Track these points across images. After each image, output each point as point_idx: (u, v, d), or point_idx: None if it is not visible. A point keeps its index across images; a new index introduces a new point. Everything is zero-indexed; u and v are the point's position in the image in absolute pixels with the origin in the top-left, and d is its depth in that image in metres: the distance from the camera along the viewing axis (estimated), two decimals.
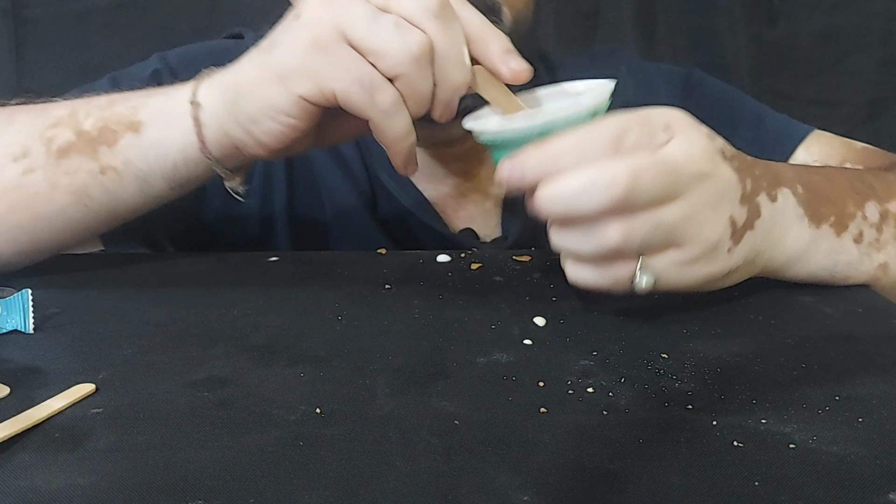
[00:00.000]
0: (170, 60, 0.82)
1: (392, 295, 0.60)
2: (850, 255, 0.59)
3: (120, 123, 0.60)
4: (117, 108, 0.61)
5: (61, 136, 0.61)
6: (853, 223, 0.59)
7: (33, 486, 0.36)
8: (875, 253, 0.59)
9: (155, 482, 0.36)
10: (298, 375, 0.47)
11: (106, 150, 0.60)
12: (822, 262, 0.58)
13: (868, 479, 0.36)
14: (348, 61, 0.51)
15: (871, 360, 0.49)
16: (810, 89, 1.24)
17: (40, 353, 0.50)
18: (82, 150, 0.60)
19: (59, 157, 0.60)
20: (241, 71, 0.57)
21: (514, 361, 0.48)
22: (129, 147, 0.60)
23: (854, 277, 0.60)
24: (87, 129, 0.60)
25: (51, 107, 0.64)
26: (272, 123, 0.55)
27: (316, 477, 0.36)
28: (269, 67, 0.54)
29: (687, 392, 0.44)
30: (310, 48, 0.52)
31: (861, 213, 0.59)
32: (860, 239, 0.59)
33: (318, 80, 0.52)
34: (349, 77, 0.52)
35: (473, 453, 0.38)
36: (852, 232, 0.59)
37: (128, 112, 0.60)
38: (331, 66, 0.52)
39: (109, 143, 0.60)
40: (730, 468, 0.37)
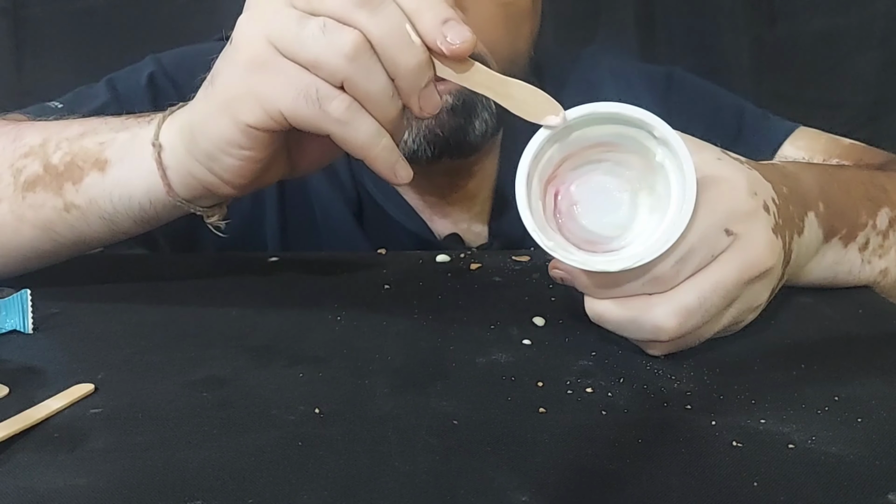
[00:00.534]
0: (164, 63, 0.82)
1: (391, 295, 0.60)
2: (852, 264, 0.59)
3: (86, 161, 0.58)
4: (85, 143, 0.59)
5: (30, 168, 0.59)
6: (862, 233, 0.58)
7: (32, 486, 0.36)
8: (877, 259, 0.59)
9: (154, 482, 0.36)
10: (297, 375, 0.47)
11: (70, 188, 0.58)
12: (824, 272, 0.58)
13: (867, 480, 0.36)
14: (288, 75, 0.47)
15: (871, 360, 0.49)
16: (811, 91, 1.24)
17: (39, 353, 0.50)
18: (48, 185, 0.59)
19: (26, 189, 0.59)
20: (194, 108, 0.54)
21: (514, 361, 0.48)
22: (92, 186, 0.58)
23: (852, 283, 0.60)
24: (55, 163, 0.59)
25: (26, 132, 0.62)
26: (228, 158, 0.52)
27: (315, 477, 0.36)
28: (213, 99, 0.51)
29: (686, 392, 0.44)
30: (245, 70, 0.49)
31: (872, 221, 0.59)
32: (865, 247, 0.59)
33: (262, 103, 0.48)
34: (292, 92, 0.47)
35: (472, 453, 0.38)
36: (859, 242, 0.58)
37: (95, 149, 0.58)
38: (271, 84, 0.48)
39: (75, 181, 0.58)
40: (729, 468, 0.37)
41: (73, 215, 0.59)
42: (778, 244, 0.48)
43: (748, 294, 0.47)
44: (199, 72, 0.59)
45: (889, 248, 0.60)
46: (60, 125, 0.62)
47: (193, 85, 0.58)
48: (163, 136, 0.55)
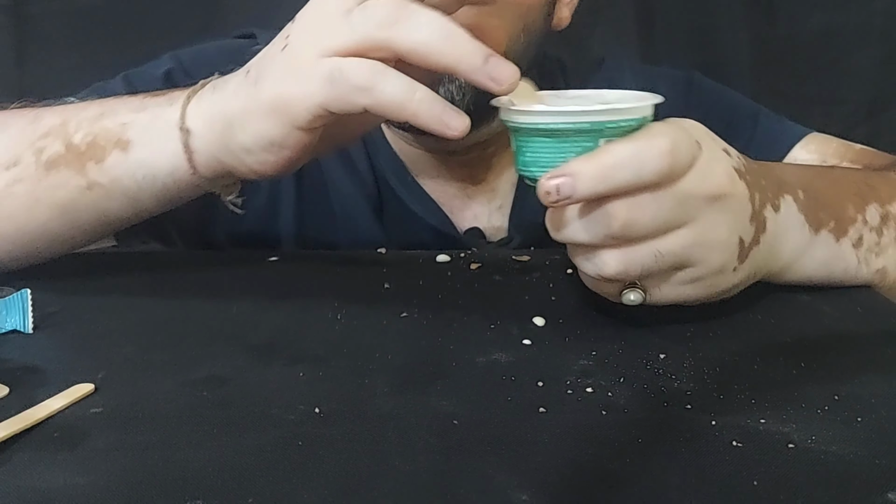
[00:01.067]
0: (183, 60, 0.82)
1: (391, 294, 0.60)
2: (847, 262, 0.58)
3: (108, 140, 0.59)
4: (106, 123, 0.60)
5: (51, 148, 0.60)
6: (853, 228, 0.58)
7: (32, 486, 0.36)
8: (874, 258, 0.59)
9: (154, 481, 0.36)
10: (298, 375, 0.47)
11: (93, 167, 0.59)
12: (818, 268, 0.58)
13: (867, 479, 0.36)
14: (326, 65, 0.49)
15: (871, 359, 0.49)
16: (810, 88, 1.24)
17: (39, 352, 0.50)
18: (70, 163, 0.59)
19: (48, 168, 0.60)
20: (231, 101, 0.54)
21: (514, 361, 0.48)
22: (116, 165, 0.59)
23: (849, 282, 0.59)
24: (77, 142, 0.59)
25: (45, 114, 0.63)
26: (267, 155, 0.53)
27: (315, 476, 0.36)
28: (260, 98, 0.52)
29: (686, 392, 0.44)
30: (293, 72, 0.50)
31: (862, 216, 0.59)
32: (860, 244, 0.58)
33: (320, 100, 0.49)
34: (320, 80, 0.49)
35: (472, 453, 0.38)
36: (852, 237, 0.58)
37: (116, 129, 0.59)
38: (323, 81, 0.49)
39: (97, 160, 0.59)
40: (729, 468, 0.37)
41: (96, 193, 0.59)
42: (741, 184, 0.49)
43: (704, 218, 0.47)
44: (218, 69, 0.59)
45: (886, 247, 0.60)
46: (78, 107, 0.62)
47: None
48: (190, 122, 0.56)
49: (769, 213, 0.52)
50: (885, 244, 0.59)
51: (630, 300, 0.49)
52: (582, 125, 0.43)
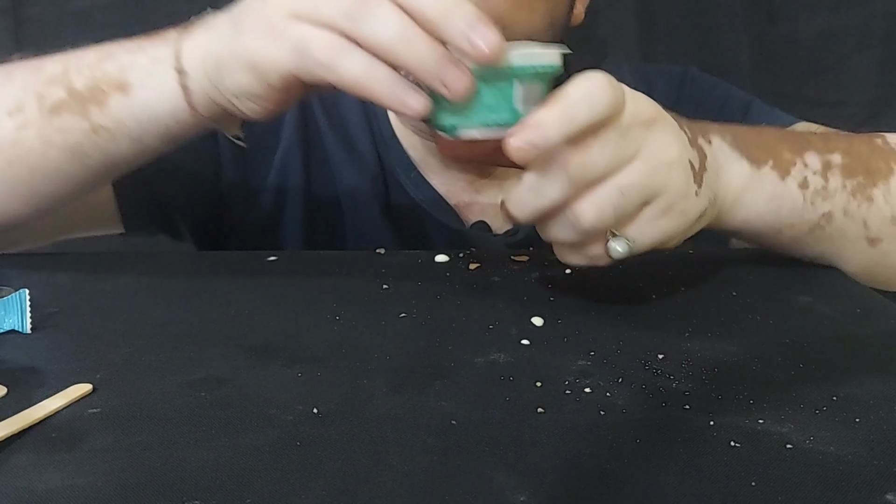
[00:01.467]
0: None
1: (390, 295, 0.60)
2: (794, 201, 0.60)
3: (109, 84, 0.59)
4: (106, 67, 0.60)
5: (54, 94, 0.61)
6: (795, 169, 0.60)
7: (30, 487, 0.36)
8: (821, 201, 0.61)
9: (152, 482, 0.36)
10: (296, 375, 0.47)
11: (97, 111, 0.60)
12: (767, 204, 0.60)
13: (865, 480, 0.36)
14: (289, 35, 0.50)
15: (869, 360, 0.49)
16: (811, 89, 1.24)
17: (37, 353, 0.50)
18: (74, 109, 0.60)
19: (52, 114, 0.60)
20: (217, 45, 0.55)
21: (512, 361, 0.48)
22: (118, 108, 0.59)
23: (798, 225, 0.61)
24: (79, 87, 0.60)
25: (46, 62, 0.63)
26: (251, 104, 0.55)
27: (313, 477, 0.36)
28: (237, 53, 0.53)
29: (684, 392, 0.44)
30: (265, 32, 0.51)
31: (801, 160, 0.61)
32: (805, 185, 0.61)
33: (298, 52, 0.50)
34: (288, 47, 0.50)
35: (471, 453, 0.38)
36: (796, 178, 0.60)
37: (115, 72, 0.60)
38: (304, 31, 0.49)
39: (100, 104, 0.60)
40: (727, 468, 0.37)
41: (101, 137, 0.60)
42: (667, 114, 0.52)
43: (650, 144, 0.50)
44: None
45: (833, 193, 0.61)
46: (78, 54, 0.63)
47: None
48: (185, 62, 0.57)
49: (703, 143, 0.55)
50: (833, 190, 0.61)
51: (618, 251, 0.51)
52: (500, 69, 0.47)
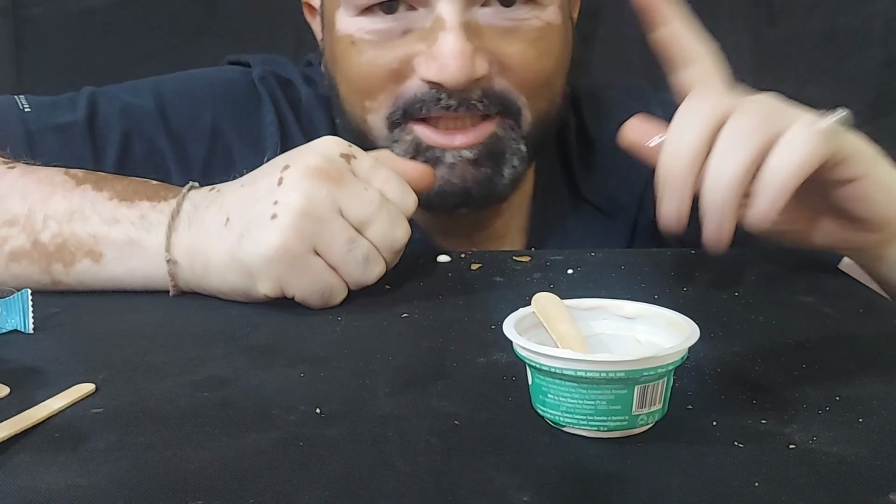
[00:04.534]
0: (165, 96, 0.79)
1: (392, 295, 0.60)
2: None
3: (78, 248, 0.59)
4: (76, 230, 0.60)
5: (16, 240, 0.60)
6: None
7: (33, 487, 0.36)
8: None
9: (155, 482, 0.36)
10: (298, 376, 0.47)
11: (60, 269, 0.60)
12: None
13: (868, 480, 0.36)
14: (314, 276, 0.55)
15: (872, 360, 0.49)
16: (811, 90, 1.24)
17: (40, 353, 0.50)
18: (35, 261, 0.60)
19: (11, 259, 0.60)
20: (212, 247, 0.57)
21: (514, 361, 0.48)
22: (85, 272, 0.60)
23: None
24: (44, 241, 0.60)
25: (8, 196, 0.62)
26: (238, 297, 0.58)
27: (316, 477, 0.36)
28: (239, 262, 0.55)
29: (687, 392, 0.44)
30: (282, 258, 0.54)
31: None
32: None
33: (284, 287, 0.55)
34: (313, 289, 0.55)
35: (473, 453, 0.38)
36: None
37: (88, 240, 0.59)
38: (297, 277, 0.55)
39: (66, 264, 0.60)
40: (730, 468, 0.37)
41: (60, 287, 0.61)
42: None
43: None
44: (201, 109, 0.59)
45: None
46: (44, 194, 0.61)
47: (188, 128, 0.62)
48: (176, 253, 0.58)
49: None
50: None
51: None
52: (616, 374, 0.38)
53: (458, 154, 0.69)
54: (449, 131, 0.69)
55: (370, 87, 0.70)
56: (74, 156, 0.74)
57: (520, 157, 0.72)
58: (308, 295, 0.55)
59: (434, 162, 0.69)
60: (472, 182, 0.70)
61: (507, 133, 0.70)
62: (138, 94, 0.79)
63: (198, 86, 0.81)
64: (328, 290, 0.56)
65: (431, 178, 0.63)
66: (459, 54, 0.64)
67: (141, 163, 0.76)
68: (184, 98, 0.79)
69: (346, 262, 0.55)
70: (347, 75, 0.71)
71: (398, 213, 0.57)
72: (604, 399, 0.38)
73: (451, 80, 0.65)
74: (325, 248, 0.55)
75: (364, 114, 0.71)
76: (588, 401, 0.39)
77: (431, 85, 0.67)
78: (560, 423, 0.40)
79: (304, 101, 0.81)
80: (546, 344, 0.40)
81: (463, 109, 0.68)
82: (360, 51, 0.69)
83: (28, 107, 0.76)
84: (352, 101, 0.72)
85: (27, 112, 0.75)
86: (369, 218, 0.55)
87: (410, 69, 0.68)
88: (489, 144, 0.70)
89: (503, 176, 0.72)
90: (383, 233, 0.56)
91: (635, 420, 0.39)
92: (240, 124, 0.79)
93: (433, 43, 0.66)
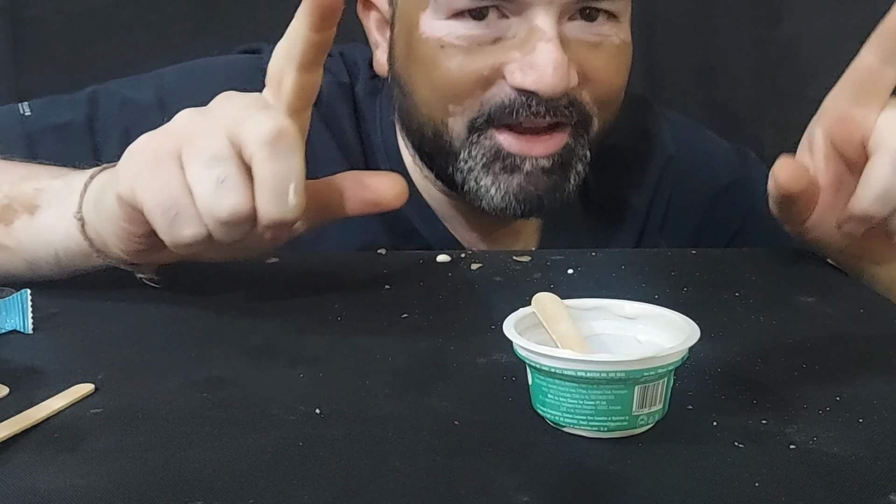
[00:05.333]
0: (165, 87, 0.79)
1: (392, 295, 0.60)
2: None
3: (21, 204, 0.59)
4: (24, 187, 0.60)
5: None
6: None
7: (32, 487, 0.35)
8: None
9: (154, 483, 0.36)
10: (298, 376, 0.47)
11: (2, 229, 0.59)
12: None
13: (869, 480, 0.36)
14: (165, 183, 0.49)
15: (873, 360, 0.49)
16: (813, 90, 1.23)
17: (39, 353, 0.50)
18: None
19: None
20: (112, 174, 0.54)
21: (514, 361, 0.48)
22: (21, 228, 0.59)
23: None
24: None
25: None
26: (110, 225, 0.53)
27: (315, 477, 0.36)
28: (115, 169, 0.53)
29: (687, 392, 0.44)
30: (142, 153, 0.50)
31: None
32: None
33: (135, 188, 0.50)
34: (159, 198, 0.49)
35: (473, 454, 0.38)
36: None
37: (31, 194, 0.59)
38: (149, 179, 0.49)
39: (7, 223, 0.59)
40: (730, 469, 0.37)
41: (2, 254, 0.60)
42: None
43: None
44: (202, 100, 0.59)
45: None
46: (7, 164, 0.63)
47: None
48: (84, 207, 0.56)
49: None
50: None
51: None
52: (617, 374, 0.38)
53: (535, 161, 0.71)
54: (528, 139, 0.70)
55: (458, 92, 0.70)
56: (75, 155, 0.74)
57: (584, 164, 0.74)
58: (153, 205, 0.49)
59: (512, 169, 0.71)
60: (544, 190, 0.72)
61: (577, 143, 0.72)
62: (140, 88, 0.79)
63: (200, 74, 0.81)
64: (174, 207, 0.48)
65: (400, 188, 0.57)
66: (560, 65, 0.66)
67: None
68: (185, 87, 0.79)
69: (199, 180, 0.48)
70: (432, 78, 0.71)
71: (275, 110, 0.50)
72: (604, 399, 0.38)
73: (549, 89, 0.66)
74: (187, 161, 0.49)
75: (446, 117, 0.72)
76: (588, 401, 0.39)
77: (523, 93, 0.68)
78: (560, 423, 0.40)
79: (325, 90, 0.79)
80: (546, 344, 0.40)
81: (550, 117, 0.69)
82: (450, 55, 0.69)
83: (29, 111, 0.76)
84: (433, 103, 0.72)
85: (27, 116, 0.76)
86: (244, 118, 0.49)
87: (500, 76, 0.69)
88: (563, 154, 0.71)
89: (570, 183, 0.73)
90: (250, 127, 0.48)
91: (635, 420, 0.39)
92: None
93: (529, 52, 0.67)
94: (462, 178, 0.73)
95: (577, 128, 0.72)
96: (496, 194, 0.71)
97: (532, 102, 0.68)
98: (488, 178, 0.71)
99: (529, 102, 0.68)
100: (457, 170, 0.73)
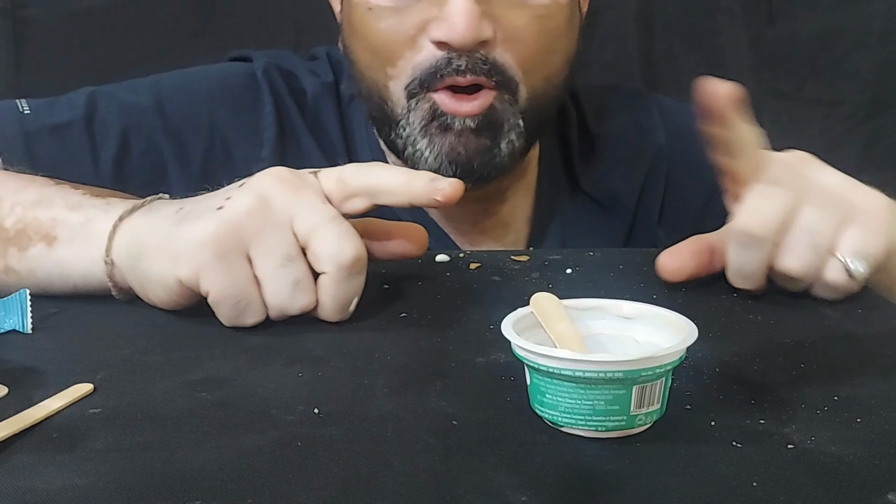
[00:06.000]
0: (163, 93, 0.80)
1: (390, 295, 0.60)
2: None
3: (37, 232, 0.59)
4: (39, 214, 0.60)
5: None
6: None
7: (31, 487, 0.35)
8: None
9: (153, 482, 0.36)
10: (296, 375, 0.47)
11: (15, 253, 0.59)
12: None
13: (866, 480, 0.36)
14: (236, 278, 0.51)
15: (871, 360, 0.49)
16: (810, 88, 1.24)
17: (38, 353, 0.50)
18: None
19: None
20: (154, 231, 0.55)
21: (513, 361, 0.48)
22: (36, 257, 0.59)
23: None
24: (7, 226, 0.60)
25: None
26: (159, 290, 0.54)
27: (314, 477, 0.36)
28: (171, 242, 0.53)
29: (685, 392, 0.44)
30: (210, 245, 0.51)
31: None
32: None
33: (202, 278, 0.51)
34: (229, 293, 0.51)
35: (472, 453, 0.38)
36: None
37: (47, 223, 0.59)
38: (218, 273, 0.51)
39: (21, 248, 0.59)
40: (728, 468, 0.37)
41: (9, 278, 0.60)
42: None
43: None
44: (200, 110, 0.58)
45: None
46: (19, 185, 0.62)
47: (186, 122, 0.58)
48: (114, 252, 0.56)
49: None
50: None
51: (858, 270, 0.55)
52: (615, 374, 0.38)
53: (463, 121, 0.71)
54: (458, 98, 0.71)
55: (390, 53, 0.72)
56: (72, 154, 0.74)
57: (517, 133, 0.73)
58: (221, 298, 0.51)
59: (444, 128, 0.72)
60: (473, 151, 0.72)
61: (503, 106, 0.72)
62: (137, 92, 0.80)
63: (196, 81, 0.81)
64: (244, 301, 0.51)
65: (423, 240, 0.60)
66: (469, 14, 0.67)
67: (139, 161, 0.77)
68: (182, 94, 0.80)
69: (273, 279, 0.51)
70: (367, 42, 0.73)
71: (350, 229, 0.53)
72: (602, 399, 0.39)
73: (459, 38, 0.67)
74: (258, 257, 0.51)
75: (386, 80, 0.73)
76: (586, 401, 0.39)
77: (441, 46, 0.69)
78: (558, 423, 0.40)
79: (311, 92, 0.82)
80: (544, 344, 0.40)
81: (472, 75, 0.70)
82: (378, 16, 0.71)
83: (28, 109, 0.76)
84: (374, 67, 0.74)
85: (26, 114, 0.76)
86: (317, 227, 0.52)
87: (425, 36, 0.70)
88: (488, 115, 0.72)
89: (501, 149, 0.73)
90: (328, 245, 0.51)
91: (633, 420, 0.39)
92: (238, 118, 0.80)
93: (444, 6, 0.68)
94: (403, 145, 0.74)
95: (500, 90, 0.72)
96: (430, 156, 0.72)
97: (452, 57, 0.69)
98: (424, 140, 0.72)
99: (450, 58, 0.69)
100: (398, 136, 0.74)
